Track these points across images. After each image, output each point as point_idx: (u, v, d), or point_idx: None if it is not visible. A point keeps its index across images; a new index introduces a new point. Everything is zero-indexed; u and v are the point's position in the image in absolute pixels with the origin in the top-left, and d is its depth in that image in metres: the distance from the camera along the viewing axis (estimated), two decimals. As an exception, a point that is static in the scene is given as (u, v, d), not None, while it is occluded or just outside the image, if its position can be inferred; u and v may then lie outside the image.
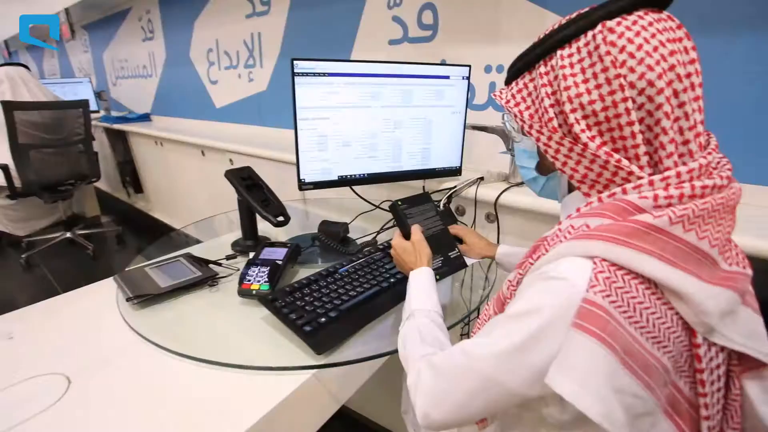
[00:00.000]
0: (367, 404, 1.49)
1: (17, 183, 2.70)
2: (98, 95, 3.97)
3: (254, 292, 0.78)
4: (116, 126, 3.34)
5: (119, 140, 3.60)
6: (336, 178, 1.10)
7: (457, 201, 1.27)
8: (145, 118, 3.51)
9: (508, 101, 0.56)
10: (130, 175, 3.60)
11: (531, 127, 0.53)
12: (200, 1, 2.61)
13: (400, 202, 0.84)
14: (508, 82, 0.58)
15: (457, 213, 1.28)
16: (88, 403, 0.58)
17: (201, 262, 0.93)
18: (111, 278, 0.89)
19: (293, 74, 0.98)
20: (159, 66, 3.27)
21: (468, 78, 1.17)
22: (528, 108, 0.54)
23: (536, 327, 0.43)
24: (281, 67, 2.20)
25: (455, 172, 1.26)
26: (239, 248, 1.02)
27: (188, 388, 0.62)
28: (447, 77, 1.15)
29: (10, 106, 2.56)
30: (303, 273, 0.94)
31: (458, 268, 0.84)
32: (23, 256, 2.96)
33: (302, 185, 1.07)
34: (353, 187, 1.16)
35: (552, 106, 0.51)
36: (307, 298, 0.73)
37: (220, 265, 0.94)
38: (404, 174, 1.19)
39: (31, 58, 6.14)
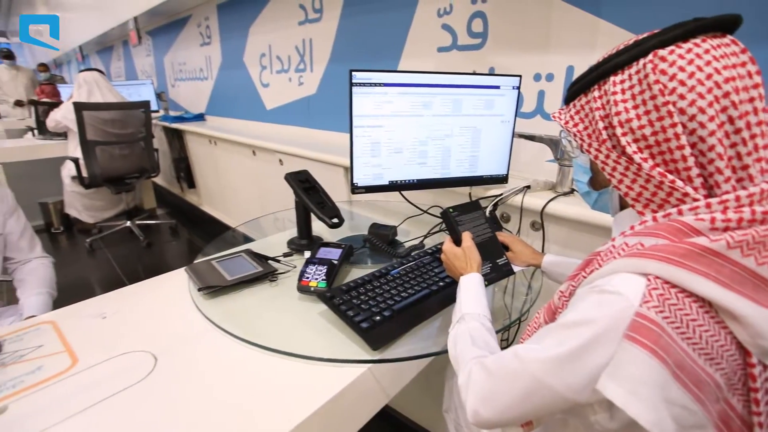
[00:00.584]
0: (406, 403, 1.53)
1: (84, 174, 2.96)
2: (158, 96, 4.23)
3: (312, 288, 0.84)
4: (174, 125, 3.56)
5: (175, 138, 3.83)
6: (387, 183, 1.15)
7: (503, 208, 1.28)
8: (199, 118, 3.71)
9: (566, 122, 0.58)
10: (185, 171, 3.82)
11: (590, 145, 0.55)
12: (256, 9, 2.74)
13: (451, 209, 0.88)
14: (566, 102, 0.61)
15: (502, 220, 1.30)
16: (171, 379, 0.66)
17: (261, 258, 1.00)
18: (182, 269, 0.98)
19: (351, 84, 1.03)
20: (214, 69, 3.45)
21: (518, 88, 1.19)
22: (586, 128, 0.56)
23: (589, 337, 0.45)
24: (330, 72, 2.28)
25: (502, 179, 1.28)
26: (294, 246, 1.09)
27: (255, 372, 0.68)
28: (497, 87, 1.17)
29: (79, 107, 2.80)
30: (354, 272, 1.00)
31: (506, 275, 0.86)
32: (88, 240, 3.24)
33: (355, 189, 1.12)
34: (402, 191, 1.20)
35: (605, 128, 0.53)
36: (362, 297, 0.78)
37: (278, 261, 1.01)
38: (452, 180, 1.22)
39: (100, 61, 6.61)
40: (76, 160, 2.99)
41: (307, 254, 1.06)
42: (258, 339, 0.73)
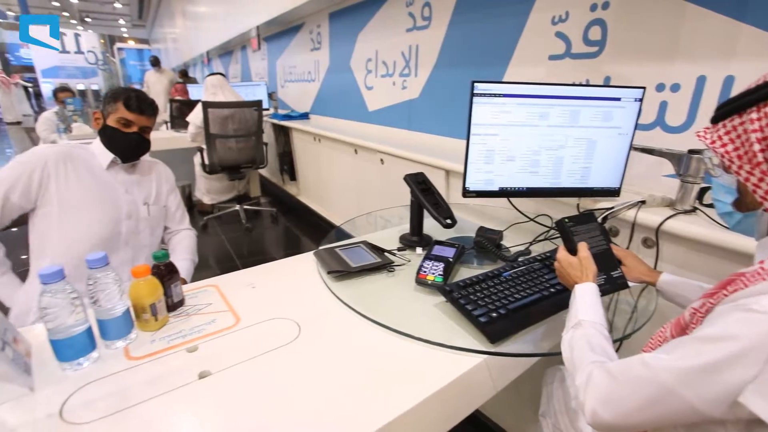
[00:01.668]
0: (493, 407, 1.55)
1: (206, 162, 3.40)
2: (269, 96, 4.65)
3: (429, 282, 0.92)
4: (282, 122, 3.90)
5: (281, 134, 4.19)
6: (497, 189, 1.19)
7: (612, 222, 1.25)
8: (305, 116, 4.01)
9: (713, 142, 0.58)
10: (288, 164, 4.16)
11: (740, 167, 0.55)
12: (365, 17, 2.91)
13: (567, 220, 0.89)
14: (714, 122, 0.60)
15: (610, 234, 1.27)
16: (312, 345, 0.77)
17: (377, 250, 1.10)
18: (311, 252, 1.11)
19: (472, 95, 1.08)
20: (322, 72, 3.71)
21: (641, 100, 1.15)
22: (737, 149, 0.56)
23: (731, 352, 0.46)
24: (435, 77, 2.35)
25: (614, 192, 1.24)
26: (406, 242, 1.18)
27: (380, 349, 0.77)
28: (617, 99, 1.15)
29: (205, 105, 3.22)
30: (463, 271, 1.05)
31: (620, 287, 0.86)
32: (205, 218, 3.70)
33: (466, 192, 1.18)
34: (510, 198, 1.23)
35: (762, 150, 0.52)
36: (478, 294, 0.84)
37: (394, 255, 1.10)
38: (561, 190, 1.22)
39: (221, 64, 7.39)
40: (203, 150, 3.45)
41: (419, 250, 1.14)
42: (383, 320, 0.82)
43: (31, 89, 11.75)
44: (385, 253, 1.09)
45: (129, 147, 1.25)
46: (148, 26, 15.71)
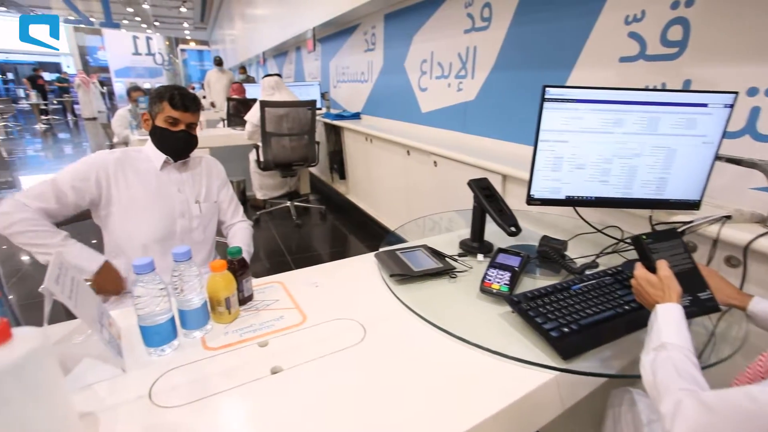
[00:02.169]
0: (551, 428, 1.50)
1: (261, 159, 3.54)
2: (322, 96, 4.75)
3: (495, 291, 0.90)
4: (334, 122, 3.97)
5: (332, 133, 4.26)
6: (563, 198, 1.14)
7: (688, 237, 1.16)
8: (356, 116, 4.07)
9: None
10: (338, 163, 4.24)
11: None
12: (422, 18, 2.89)
13: (644, 237, 0.84)
14: None
15: (687, 249, 1.18)
16: (378, 349, 0.77)
17: (437, 255, 1.09)
18: (372, 254, 1.12)
19: (543, 99, 1.05)
20: (375, 73, 3.74)
21: (732, 106, 1.06)
22: None
23: None
24: (493, 80, 2.30)
25: (693, 205, 1.16)
26: (467, 248, 1.16)
27: (444, 357, 0.76)
28: (704, 105, 1.06)
29: (263, 104, 3.33)
30: (525, 281, 1.02)
31: (709, 311, 0.80)
32: (258, 213, 3.85)
33: (531, 200, 1.14)
34: (576, 207, 1.18)
35: None
36: (548, 307, 0.81)
37: (455, 260, 1.08)
38: (633, 201, 1.15)
39: (276, 65, 7.65)
40: (258, 148, 3.59)
41: (480, 257, 1.12)
42: (449, 327, 0.81)
43: (104, 88, 12.76)
44: (446, 259, 1.08)
45: (178, 145, 1.29)
46: (209, 28, 16.57)
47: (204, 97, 7.32)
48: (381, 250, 1.13)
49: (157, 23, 12.39)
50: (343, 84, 4.56)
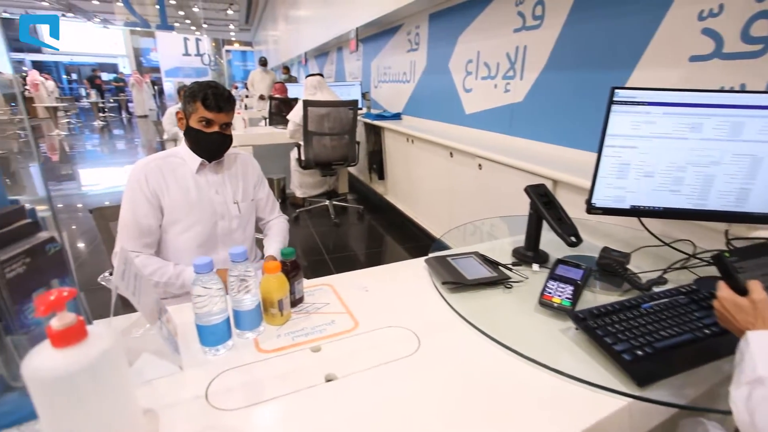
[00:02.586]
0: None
1: (302, 158, 3.58)
2: (363, 96, 4.76)
3: (555, 305, 0.84)
4: (375, 122, 3.96)
5: (372, 133, 4.26)
6: (628, 207, 1.06)
7: None
8: (397, 117, 4.04)
9: None
10: (377, 163, 4.23)
11: None
12: (468, 18, 2.83)
13: (727, 254, 0.76)
14: None
15: None
16: (433, 360, 0.74)
17: (490, 263, 1.05)
18: (422, 259, 1.09)
19: (611, 102, 0.98)
20: (417, 73, 3.70)
21: (832, 110, 0.95)
22: None
23: None
24: (543, 80, 2.21)
25: (778, 220, 1.05)
26: (520, 257, 1.10)
27: (505, 374, 0.71)
28: (797, 109, 0.96)
29: (306, 104, 3.37)
30: (585, 295, 0.95)
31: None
32: (297, 211, 3.90)
33: (591, 209, 1.07)
34: (642, 218, 1.10)
35: None
36: (617, 326, 0.75)
37: (509, 269, 1.03)
38: (707, 213, 1.06)
39: (317, 65, 7.77)
40: (299, 146, 3.64)
41: (535, 267, 1.06)
42: (508, 341, 0.76)
43: (155, 88, 13.43)
44: (500, 267, 1.03)
45: (213, 147, 1.26)
46: (253, 30, 17.07)
47: (247, 96, 7.55)
48: (431, 255, 1.10)
49: (205, 25, 12.93)
50: (384, 84, 4.55)
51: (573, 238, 0.98)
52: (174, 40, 12.59)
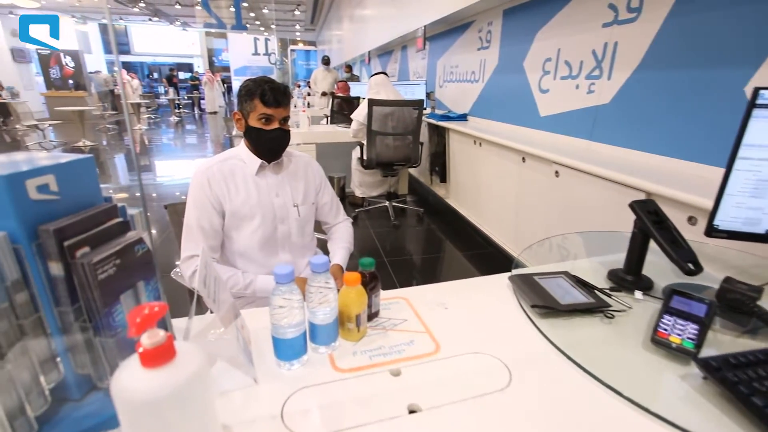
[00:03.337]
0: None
1: (364, 157, 3.58)
2: (427, 95, 4.68)
3: (674, 345, 0.72)
4: (440, 123, 3.86)
5: (435, 134, 4.17)
6: (762, 232, 0.90)
7: None
8: (463, 117, 3.92)
9: None
10: (440, 165, 4.13)
11: None
12: (548, 13, 2.65)
13: None
14: None
15: None
16: (528, 399, 0.65)
17: (584, 285, 0.93)
18: (505, 275, 1.00)
19: (752, 105, 0.83)
20: (487, 72, 3.56)
21: None
22: None
23: None
24: (636, 80, 2.00)
25: None
26: (617, 280, 0.98)
27: (616, 425, 0.61)
28: None
29: (371, 102, 3.35)
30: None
31: None
32: (356, 211, 3.90)
33: (713, 231, 0.92)
34: (778, 244, 0.92)
35: None
36: (765, 383, 0.62)
37: (608, 295, 0.91)
38: None
39: (379, 63, 7.79)
40: (362, 146, 3.63)
41: (638, 294, 0.94)
42: (620, 387, 0.66)
43: (225, 86, 14.25)
44: (596, 292, 0.91)
45: (275, 145, 1.23)
46: (317, 29, 17.57)
47: (309, 94, 7.74)
48: (514, 272, 1.00)
49: (273, 26, 13.53)
50: (450, 84, 4.44)
51: (691, 266, 0.84)
52: (244, 40, 13.28)
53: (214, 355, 0.73)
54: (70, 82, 11.02)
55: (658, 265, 0.98)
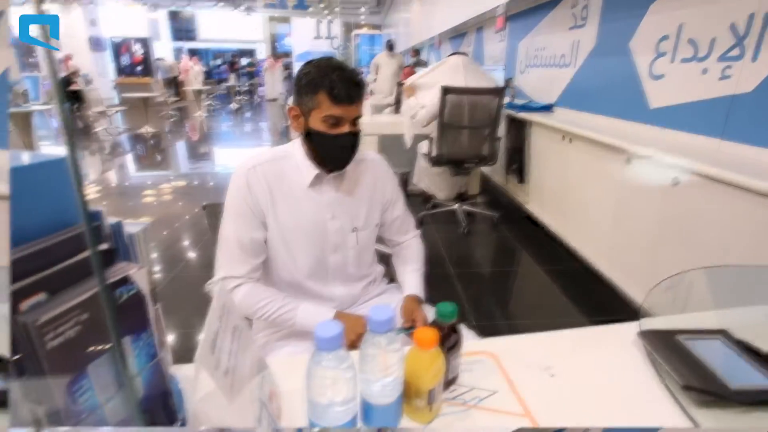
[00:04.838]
0: None
1: (433, 153, 3.34)
2: (506, 82, 4.37)
3: None
4: (520, 114, 3.55)
5: (513, 128, 3.84)
6: None
7: None
8: (547, 108, 3.58)
9: None
10: (518, 163, 3.81)
11: None
12: (670, -21, 2.28)
13: None
14: None
15: None
16: None
17: (756, 355, 0.68)
18: (628, 325, 0.77)
19: None
20: (581, 56, 3.20)
21: None
22: None
23: None
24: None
25: None
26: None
27: None
28: None
29: (445, 90, 3.11)
30: None
31: None
32: (421, 213, 3.70)
33: None
34: None
35: None
36: None
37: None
38: None
39: (451, 47, 7.51)
40: (430, 139, 3.41)
41: None
42: None
43: (286, 72, 14.68)
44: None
45: (343, 154, 1.01)
46: (384, 12, 17.50)
47: (374, 80, 7.58)
48: (646, 327, 0.76)
49: (337, 9, 13.66)
50: (534, 69, 4.09)
51: None
52: (307, 24, 13.55)
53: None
54: (138, 68, 11.90)
55: None
